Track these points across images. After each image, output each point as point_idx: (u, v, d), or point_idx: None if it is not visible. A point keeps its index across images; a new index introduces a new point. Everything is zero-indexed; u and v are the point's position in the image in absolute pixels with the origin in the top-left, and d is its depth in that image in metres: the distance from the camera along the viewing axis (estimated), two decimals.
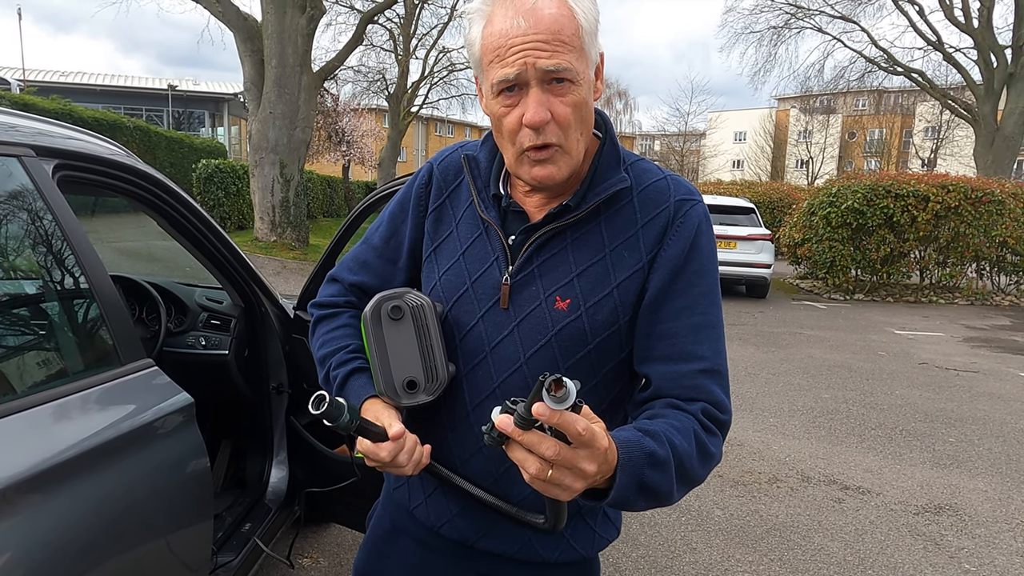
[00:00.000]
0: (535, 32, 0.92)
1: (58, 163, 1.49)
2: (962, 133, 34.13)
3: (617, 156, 1.07)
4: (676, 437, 0.93)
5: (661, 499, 0.92)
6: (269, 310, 2.47)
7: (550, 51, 0.93)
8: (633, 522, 3.34)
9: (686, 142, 50.37)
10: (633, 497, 0.87)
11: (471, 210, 1.12)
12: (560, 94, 0.96)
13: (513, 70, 0.94)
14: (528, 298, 1.05)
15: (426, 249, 1.16)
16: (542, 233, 1.05)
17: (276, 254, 12.45)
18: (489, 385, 1.06)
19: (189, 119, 31.65)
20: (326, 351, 1.18)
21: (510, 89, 0.96)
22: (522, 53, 0.93)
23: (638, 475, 0.86)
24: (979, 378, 6.53)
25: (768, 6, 23.08)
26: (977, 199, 11.04)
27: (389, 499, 1.26)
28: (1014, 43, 18.40)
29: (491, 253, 1.08)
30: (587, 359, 1.04)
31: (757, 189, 20.78)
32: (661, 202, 1.05)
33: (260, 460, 2.54)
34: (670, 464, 0.90)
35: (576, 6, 0.95)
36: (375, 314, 1.06)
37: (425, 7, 24.64)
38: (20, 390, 1.25)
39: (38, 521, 1.09)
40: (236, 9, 12.72)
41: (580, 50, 0.95)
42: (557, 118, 0.96)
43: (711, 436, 0.98)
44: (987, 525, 3.48)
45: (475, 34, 0.99)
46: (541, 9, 0.93)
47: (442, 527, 1.15)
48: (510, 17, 0.93)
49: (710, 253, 1.07)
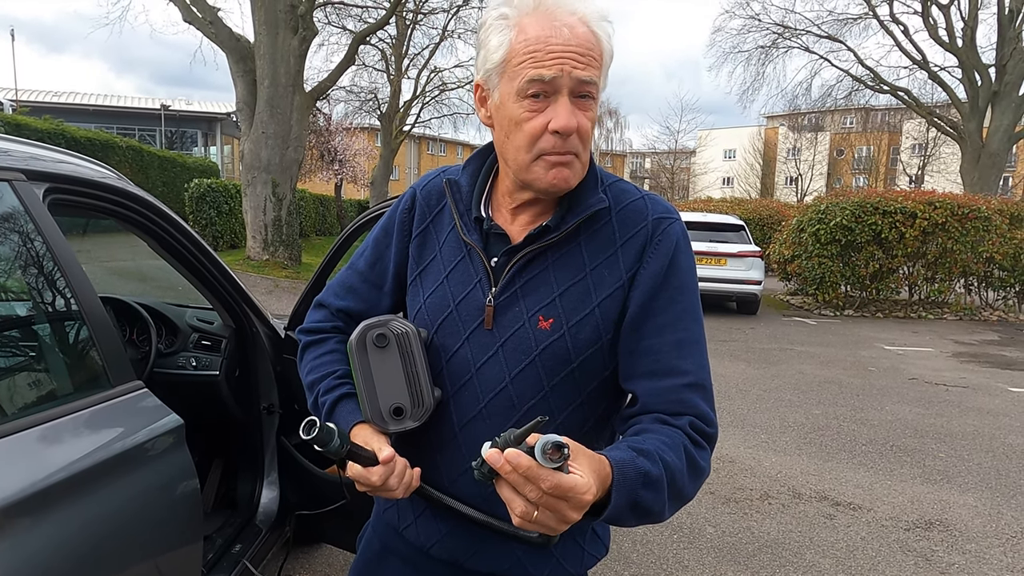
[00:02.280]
0: (576, 43, 0.97)
1: (48, 187, 1.50)
2: (948, 150, 34.51)
3: (595, 178, 1.10)
4: (668, 454, 0.94)
5: (653, 517, 0.93)
6: (260, 330, 2.47)
7: (584, 63, 0.98)
8: (625, 540, 3.33)
9: (676, 160, 50.76)
10: (626, 515, 0.89)
11: (454, 233, 1.14)
12: (584, 108, 1.00)
13: (550, 72, 0.97)
14: (512, 319, 1.06)
15: (411, 273, 1.18)
16: (523, 254, 1.07)
17: (269, 273, 12.43)
18: (476, 406, 1.08)
19: (182, 139, 31.67)
20: (314, 377, 1.19)
21: (536, 96, 0.99)
22: (561, 59, 0.97)
23: (632, 495, 0.87)
24: (968, 393, 6.56)
25: (756, 26, 23.42)
26: (964, 215, 11.16)
27: (379, 520, 1.27)
28: (997, 62, 18.71)
29: (474, 275, 1.10)
30: (571, 377, 1.06)
31: (747, 206, 20.95)
32: (639, 221, 1.08)
33: (251, 480, 2.53)
34: (663, 483, 0.91)
35: (603, 34, 1.00)
36: (360, 342, 1.08)
37: (417, 28, 24.86)
38: (10, 412, 1.26)
39: (26, 545, 1.09)
40: (229, 30, 12.81)
41: (600, 71, 1.01)
42: (581, 129, 1.00)
43: (700, 450, 1.00)
44: (977, 540, 3.50)
45: (500, 40, 1.01)
46: (578, 26, 0.98)
47: (432, 547, 1.15)
48: (553, 26, 0.97)
49: (689, 270, 1.09)
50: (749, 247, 11.24)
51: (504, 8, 1.01)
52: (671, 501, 0.94)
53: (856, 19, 21.97)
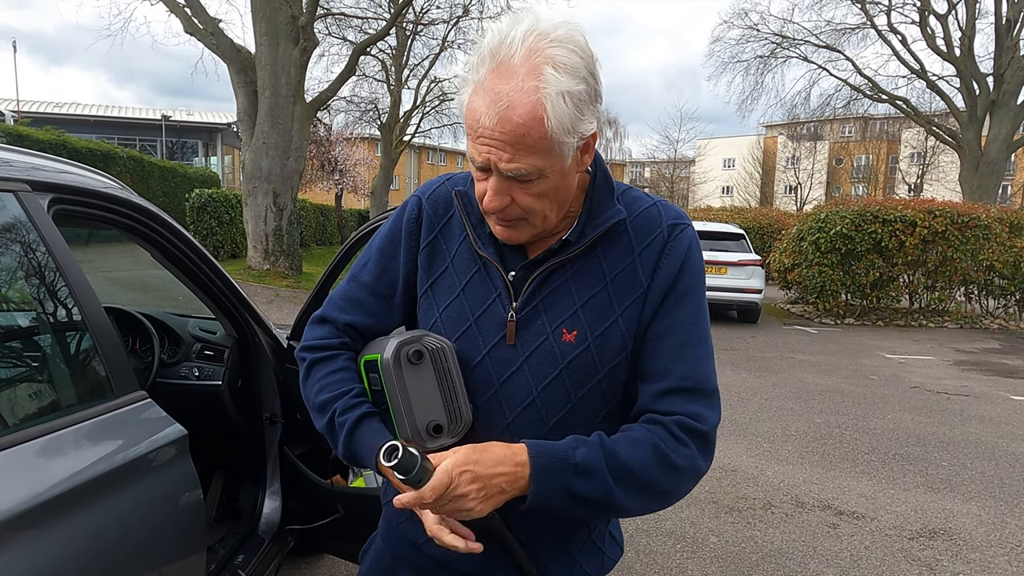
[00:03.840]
0: (501, 134, 0.92)
1: (53, 197, 1.50)
2: (947, 159, 34.62)
3: (611, 188, 1.09)
4: (623, 448, 0.98)
5: (606, 507, 0.99)
6: (262, 340, 2.47)
7: (510, 155, 0.94)
8: (629, 550, 3.32)
9: (675, 169, 50.85)
10: (563, 503, 0.96)
11: (466, 245, 1.12)
12: (523, 186, 0.98)
13: (479, 159, 0.97)
14: (534, 333, 1.06)
15: (421, 285, 1.15)
16: (544, 268, 1.06)
17: (269, 282, 12.43)
18: (502, 421, 1.07)
19: (182, 149, 31.78)
20: (326, 396, 1.12)
21: (480, 168, 0.99)
22: (489, 148, 0.95)
23: (563, 483, 0.96)
24: (970, 401, 6.55)
25: (754, 36, 23.52)
26: (964, 224, 11.16)
27: (391, 532, 1.24)
28: (995, 71, 18.79)
29: (492, 290, 1.09)
30: (597, 389, 1.06)
31: (747, 215, 20.96)
32: (654, 228, 1.08)
33: (253, 491, 2.53)
34: (602, 472, 0.96)
35: (550, 110, 0.91)
36: (396, 359, 1.03)
37: (417, 38, 24.96)
38: (16, 423, 1.25)
39: (30, 557, 1.09)
40: (230, 41, 12.87)
41: (548, 151, 0.94)
42: (519, 203, 1.00)
43: (680, 446, 1.00)
44: (982, 549, 3.48)
45: (463, 99, 0.98)
46: (511, 114, 0.91)
47: (455, 561, 1.13)
48: (484, 108, 0.93)
49: (697, 275, 1.09)
50: (749, 256, 11.24)
51: (468, 64, 0.98)
52: (630, 492, 0.98)
53: (854, 29, 22.08)
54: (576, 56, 0.93)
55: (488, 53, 0.94)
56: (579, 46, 0.94)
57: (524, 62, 0.91)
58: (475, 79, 0.95)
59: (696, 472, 1.03)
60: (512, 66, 0.91)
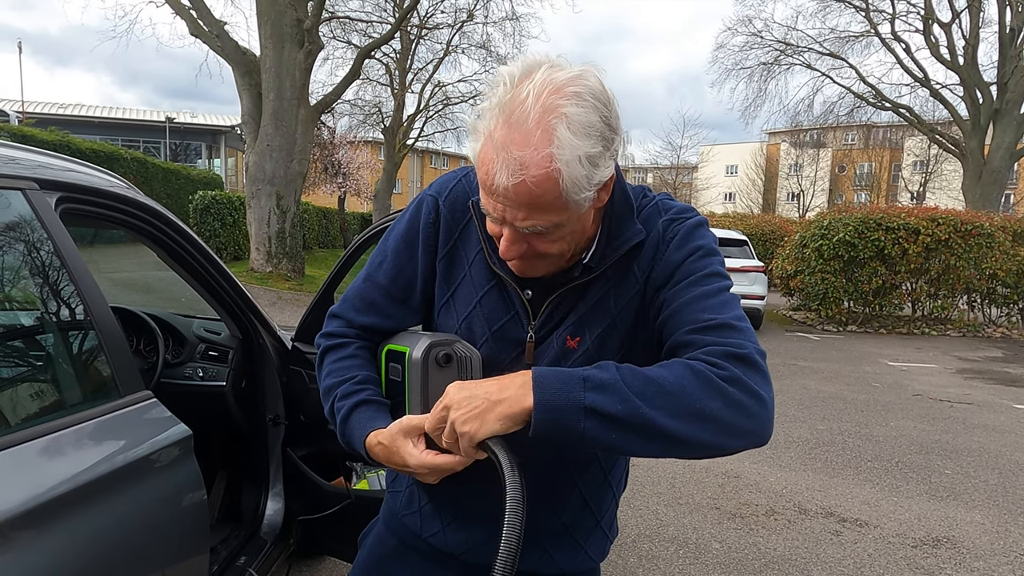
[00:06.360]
0: (516, 195, 0.91)
1: (60, 196, 1.50)
2: (950, 167, 34.55)
3: (630, 207, 1.07)
4: (643, 369, 0.92)
5: (639, 429, 0.88)
6: (267, 341, 2.47)
7: (526, 214, 0.93)
8: (631, 555, 3.30)
9: (678, 175, 50.82)
10: (581, 421, 0.87)
11: (481, 256, 1.11)
12: (540, 236, 0.97)
13: (494, 213, 0.96)
14: (547, 347, 1.08)
15: (442, 294, 1.14)
16: (562, 291, 1.07)
17: (272, 285, 12.44)
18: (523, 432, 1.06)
19: (186, 151, 31.82)
20: (331, 381, 1.14)
21: (494, 221, 0.99)
22: (503, 205, 0.94)
23: (573, 398, 0.88)
24: (973, 410, 6.53)
25: (758, 43, 23.56)
26: (967, 232, 11.16)
27: (395, 520, 1.25)
28: (999, 80, 18.80)
29: (509, 308, 1.09)
30: None
31: (749, 221, 20.97)
32: (649, 229, 1.08)
33: (256, 492, 2.52)
34: (618, 385, 0.88)
35: (566, 174, 0.89)
36: (425, 358, 1.04)
37: (421, 42, 25.06)
38: (20, 421, 1.25)
39: (33, 557, 1.08)
40: (235, 44, 12.91)
41: (563, 208, 0.93)
42: (536, 248, 0.99)
43: (716, 369, 0.91)
44: (985, 558, 3.46)
45: (474, 148, 0.96)
46: (525, 178, 0.89)
47: (464, 553, 1.16)
48: (497, 168, 0.90)
49: (706, 243, 1.07)
50: (752, 262, 11.25)
51: (480, 111, 0.96)
52: (664, 408, 0.88)
53: (858, 37, 22.11)
54: (591, 113, 0.90)
55: (499, 108, 0.91)
56: (595, 95, 0.91)
57: (538, 124, 0.88)
58: (487, 129, 0.92)
59: (747, 390, 0.90)
60: (527, 129, 0.88)
